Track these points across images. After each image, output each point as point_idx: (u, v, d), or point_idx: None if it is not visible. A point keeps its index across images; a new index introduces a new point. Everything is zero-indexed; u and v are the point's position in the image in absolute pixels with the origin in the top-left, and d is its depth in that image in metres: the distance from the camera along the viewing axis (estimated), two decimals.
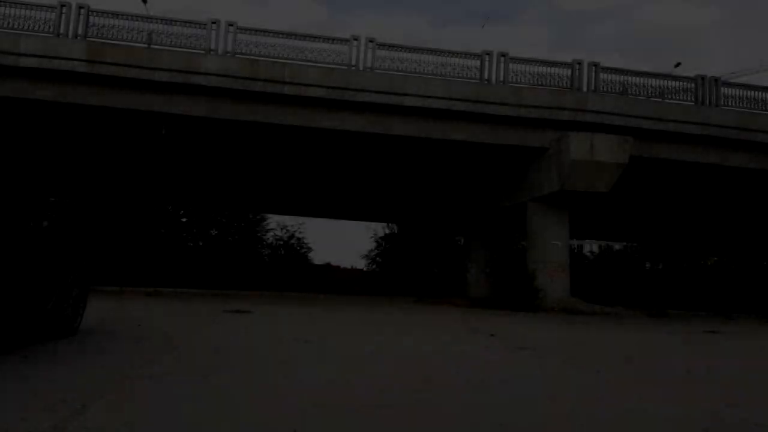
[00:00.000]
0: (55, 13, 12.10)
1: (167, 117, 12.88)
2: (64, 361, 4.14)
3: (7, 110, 12.84)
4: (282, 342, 5.77)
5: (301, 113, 13.00)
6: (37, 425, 2.61)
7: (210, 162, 17.80)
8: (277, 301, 12.73)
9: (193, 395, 3.34)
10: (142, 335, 5.74)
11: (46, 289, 4.86)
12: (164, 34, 12.59)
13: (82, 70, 11.91)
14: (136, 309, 8.72)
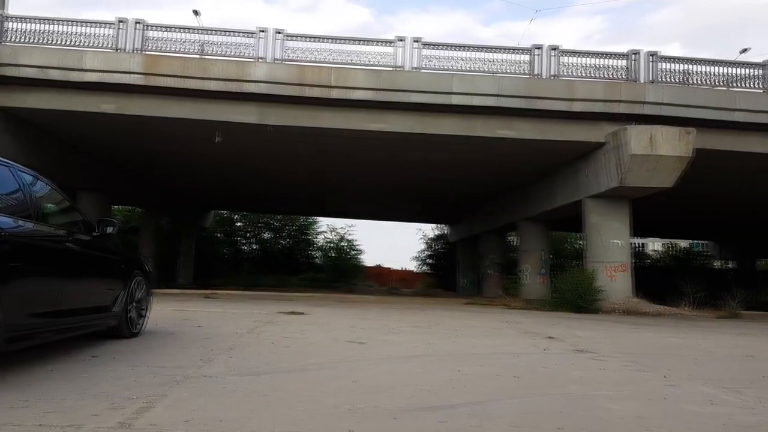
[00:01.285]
0: (114, 29, 12.60)
1: (220, 124, 13.19)
2: (129, 361, 4.25)
3: (77, 123, 13.44)
4: (337, 343, 5.77)
5: (348, 116, 13.06)
6: (106, 422, 2.68)
7: (261, 167, 18.14)
8: (329, 303, 12.81)
9: (249, 394, 3.37)
10: (201, 336, 5.85)
11: (112, 291, 5.03)
12: (216, 44, 12.91)
13: (140, 82, 12.35)
14: (195, 311, 8.93)
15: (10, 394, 3.09)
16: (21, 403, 2.93)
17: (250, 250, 35.45)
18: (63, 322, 4.13)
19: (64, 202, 4.75)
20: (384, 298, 17.17)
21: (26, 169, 4.25)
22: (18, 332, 3.50)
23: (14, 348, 3.57)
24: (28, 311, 3.62)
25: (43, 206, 4.22)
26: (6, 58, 12.06)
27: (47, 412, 2.79)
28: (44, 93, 12.43)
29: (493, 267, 24.09)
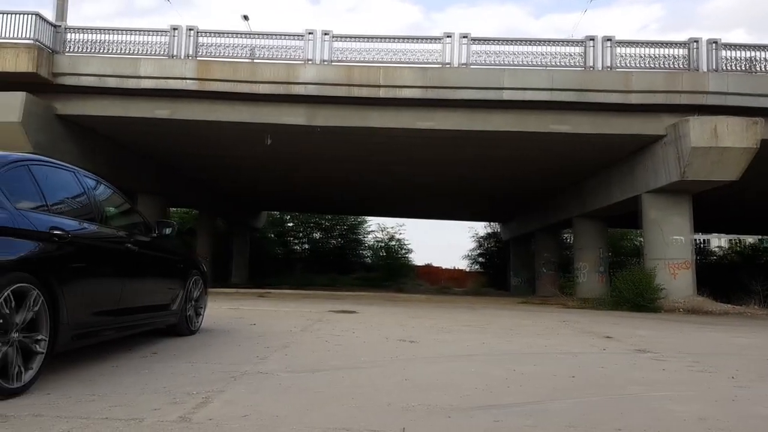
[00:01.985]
0: (168, 36, 13.03)
1: (269, 127, 13.43)
2: (188, 358, 4.37)
3: (133, 128, 13.98)
4: (388, 341, 5.77)
5: (397, 115, 13.05)
6: (166, 416, 2.75)
7: (310, 167, 18.37)
8: (380, 302, 12.84)
9: (303, 390, 3.40)
10: (256, 334, 5.96)
11: (171, 290, 5.19)
12: (265, 47, 13.15)
13: (193, 87, 12.71)
14: (250, 310, 9.13)
15: (78, 389, 3.22)
16: (88, 397, 3.05)
17: (302, 250, 36.02)
18: (125, 320, 4.29)
19: (125, 205, 4.93)
20: (434, 297, 17.08)
21: (89, 174, 4.43)
22: (83, 330, 3.65)
23: (80, 345, 3.73)
24: (92, 310, 3.77)
25: (105, 209, 4.39)
26: (66, 67, 12.64)
27: (112, 405, 2.90)
28: (102, 100, 12.97)
29: (547, 265, 23.58)
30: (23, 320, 3.04)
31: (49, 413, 2.72)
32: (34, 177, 3.59)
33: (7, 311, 2.92)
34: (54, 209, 3.63)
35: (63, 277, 3.36)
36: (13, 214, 3.14)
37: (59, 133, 13.03)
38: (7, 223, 3.06)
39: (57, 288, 3.28)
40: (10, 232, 3.06)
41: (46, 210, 3.52)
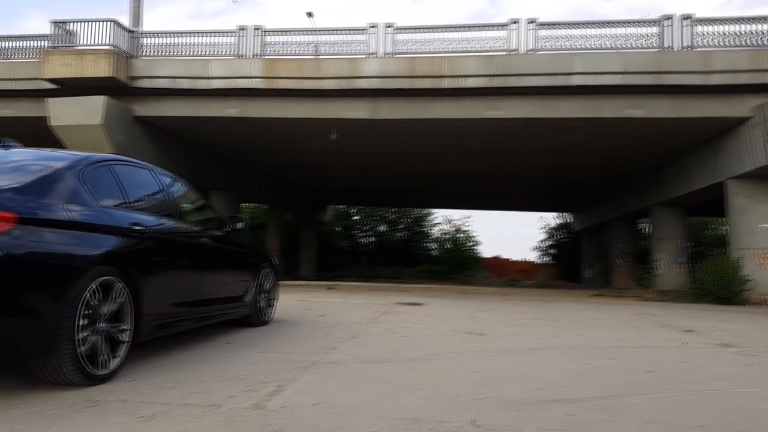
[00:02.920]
0: (236, 37, 13.43)
1: (334, 122, 13.60)
2: (261, 348, 4.50)
3: (205, 127, 14.55)
4: (456, 334, 5.72)
5: (461, 105, 12.88)
6: (242, 403, 2.85)
7: (375, 161, 18.48)
8: (447, 294, 12.77)
9: (373, 380, 3.42)
10: (325, 325, 6.06)
11: (243, 282, 5.36)
12: (329, 43, 13.32)
13: (261, 86, 13.05)
14: (319, 301, 9.31)
15: (159, 376, 3.39)
16: (169, 384, 3.21)
17: (367, 243, 36.38)
18: (201, 311, 4.47)
19: (199, 201, 5.13)
20: (503, 290, 16.80)
21: (165, 172, 4.64)
22: (163, 320, 3.83)
23: (160, 334, 3.92)
24: (171, 301, 3.95)
25: (180, 205, 4.58)
26: (141, 71, 13.28)
27: (191, 392, 3.03)
28: (175, 101, 13.54)
29: (622, 256, 22.67)
30: (109, 311, 3.23)
31: (134, 399, 2.87)
32: (116, 176, 3.79)
33: (95, 302, 3.10)
34: (134, 206, 3.82)
35: (144, 271, 3.54)
36: (97, 211, 3.33)
37: (137, 134, 13.72)
38: (92, 219, 3.25)
39: (139, 280, 3.46)
40: (96, 228, 3.25)
41: (127, 207, 3.71)
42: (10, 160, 3.45)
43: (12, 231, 2.71)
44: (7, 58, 13.63)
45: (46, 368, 2.93)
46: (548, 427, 2.59)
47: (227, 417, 2.59)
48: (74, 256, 3.02)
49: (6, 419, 2.48)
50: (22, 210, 2.83)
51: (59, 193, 3.15)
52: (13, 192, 2.91)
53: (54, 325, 2.84)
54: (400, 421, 2.60)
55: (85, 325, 3.03)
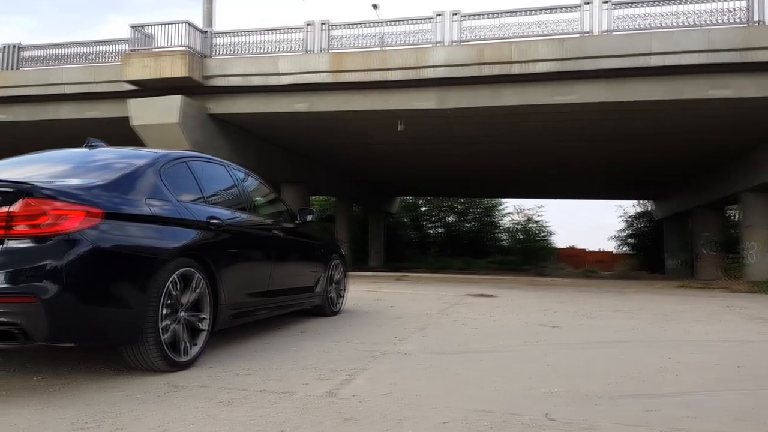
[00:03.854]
0: (303, 33, 13.65)
1: (401, 113, 13.58)
2: (332, 337, 4.59)
3: (275, 123, 14.92)
4: (528, 326, 5.60)
5: (531, 91, 12.51)
6: (315, 390, 2.91)
7: (442, 151, 18.33)
8: (519, 286, 12.51)
9: (443, 372, 3.40)
10: (394, 316, 6.10)
11: (314, 273, 5.47)
12: (394, 34, 13.27)
13: (328, 80, 13.21)
14: (388, 292, 9.37)
15: (236, 363, 3.52)
16: (245, 371, 3.33)
17: (436, 234, 36.22)
18: (274, 300, 4.60)
19: (271, 195, 5.27)
20: (578, 281, 16.28)
21: (238, 167, 4.80)
22: (239, 309, 3.98)
23: (236, 323, 4.07)
24: (246, 291, 4.09)
25: (253, 199, 4.73)
26: (215, 70, 13.75)
27: (266, 379, 3.13)
28: (247, 98, 13.94)
29: (708, 245, 21.37)
30: (189, 301, 3.38)
31: (213, 385, 3.00)
32: (193, 172, 3.95)
33: (176, 293, 3.26)
34: (210, 200, 3.97)
35: (220, 262, 3.68)
36: (176, 206, 3.49)
37: (212, 131, 14.26)
38: (172, 214, 3.41)
39: (216, 271, 3.60)
40: (175, 222, 3.41)
41: (203, 201, 3.86)
42: (96, 159, 3.67)
43: (100, 226, 2.88)
44: (91, 62, 14.49)
45: (132, 354, 3.11)
46: (627, 422, 2.49)
47: (301, 404, 2.66)
48: (156, 248, 3.19)
49: (98, 402, 2.65)
50: (109, 206, 3.00)
51: (141, 190, 3.33)
52: (100, 189, 3.09)
53: (139, 313, 3.01)
54: (471, 413, 2.57)
55: (168, 314, 3.19)
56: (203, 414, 2.48)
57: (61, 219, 2.74)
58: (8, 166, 3.63)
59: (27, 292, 2.61)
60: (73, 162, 3.65)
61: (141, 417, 2.43)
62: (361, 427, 2.35)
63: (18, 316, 2.60)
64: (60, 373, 3.21)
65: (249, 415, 2.48)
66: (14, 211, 2.67)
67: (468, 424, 2.42)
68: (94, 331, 2.91)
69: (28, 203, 2.69)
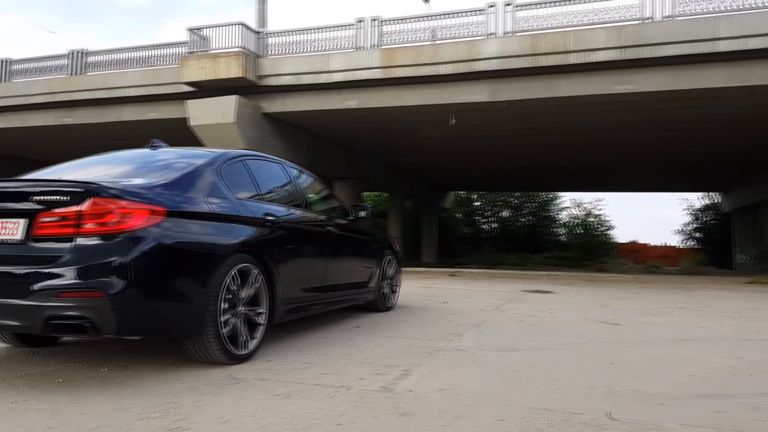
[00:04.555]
0: (354, 30, 13.72)
1: (452, 107, 13.44)
2: (386, 333, 4.59)
3: (327, 120, 15.08)
4: (588, 323, 5.44)
5: (588, 81, 12.13)
6: (370, 385, 2.92)
7: (495, 144, 18.06)
8: (577, 282, 12.19)
9: (499, 369, 3.34)
10: (448, 312, 6.05)
11: (368, 269, 5.50)
12: (446, 27, 13.15)
13: (379, 76, 13.22)
14: (441, 288, 9.32)
15: (293, 357, 3.58)
16: (302, 364, 3.38)
17: (490, 229, 35.76)
18: (329, 296, 4.65)
19: (324, 191, 5.33)
20: (641, 277, 15.71)
21: (292, 164, 4.87)
22: (294, 304, 4.04)
23: (292, 317, 4.13)
24: (301, 286, 4.15)
25: (307, 196, 4.79)
26: (268, 69, 14.01)
27: (322, 373, 3.16)
28: (299, 96, 14.14)
29: None
30: (247, 296, 3.46)
31: (271, 378, 3.05)
32: (249, 170, 4.04)
33: (234, 287, 3.34)
34: (266, 197, 4.05)
35: (276, 258, 3.75)
36: (234, 203, 3.58)
37: (266, 129, 14.56)
38: (230, 211, 3.50)
39: (272, 267, 3.67)
40: (233, 219, 3.49)
41: (259, 198, 3.94)
42: (158, 159, 3.81)
43: (162, 223, 2.99)
44: (151, 65, 15.06)
45: (194, 347, 3.21)
46: (694, 423, 2.37)
47: (357, 398, 2.67)
48: (216, 245, 3.27)
49: (162, 393, 2.75)
50: (170, 204, 3.10)
51: (201, 188, 3.43)
52: (162, 188, 3.20)
53: (200, 307, 3.10)
54: (529, 411, 2.52)
55: (227, 309, 3.28)
56: (262, 406, 2.54)
57: (127, 217, 2.86)
58: (76, 168, 3.81)
59: (95, 287, 2.73)
60: (137, 162, 3.80)
61: (203, 408, 2.51)
62: (417, 422, 2.34)
63: (87, 309, 2.72)
64: (126, 364, 3.35)
65: (306, 408, 2.52)
66: (83, 210, 2.80)
67: (526, 422, 2.37)
68: (158, 325, 3.02)
69: (95, 202, 2.81)
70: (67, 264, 2.74)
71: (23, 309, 2.72)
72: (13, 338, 3.78)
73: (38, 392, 2.74)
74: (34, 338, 3.78)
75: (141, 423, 2.30)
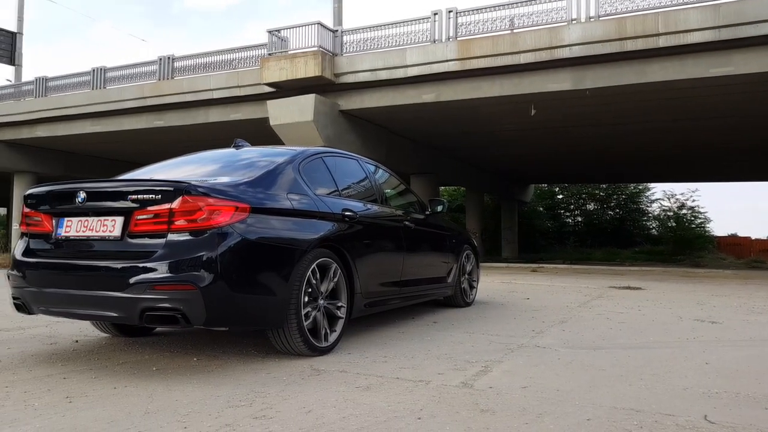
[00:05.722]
0: (429, 23, 13.63)
1: (532, 97, 13.05)
2: (465, 328, 4.54)
3: (402, 115, 15.10)
4: (682, 321, 5.13)
5: (680, 65, 11.37)
6: (450, 380, 2.89)
7: (579, 134, 17.39)
8: (670, 278, 11.52)
9: (585, 367, 3.21)
10: (530, 308, 5.90)
11: (445, 264, 5.46)
12: (525, 15, 12.77)
13: (455, 68, 13.05)
14: (522, 284, 9.10)
15: (372, 351, 3.61)
16: (381, 358, 3.40)
17: (575, 223, 34.51)
18: (406, 290, 4.65)
19: (400, 186, 5.34)
20: (743, 273, 14.62)
21: (369, 160, 4.91)
22: (372, 299, 4.07)
23: (371, 312, 4.17)
24: (379, 281, 4.18)
25: (384, 191, 4.82)
26: (345, 67, 14.19)
27: (401, 367, 3.17)
28: (375, 92, 14.22)
29: None
30: (327, 289, 3.53)
31: (352, 370, 3.10)
32: (328, 167, 4.12)
33: (315, 281, 3.42)
34: (344, 193, 4.12)
35: (354, 253, 3.79)
36: (313, 199, 3.66)
37: (343, 127, 14.77)
38: (310, 207, 3.58)
39: (351, 262, 3.72)
40: (313, 215, 3.57)
41: (337, 194, 4.01)
42: (242, 158, 3.96)
43: (247, 219, 3.10)
44: (234, 68, 15.68)
45: (278, 339, 3.32)
46: None
47: (436, 393, 2.65)
48: (297, 240, 3.36)
49: (248, 382, 2.86)
50: (254, 201, 3.22)
51: (282, 185, 3.53)
52: (246, 186, 3.32)
53: (283, 300, 3.19)
54: (617, 411, 2.40)
55: (308, 302, 3.36)
56: (344, 398, 2.58)
57: (214, 214, 2.99)
58: (167, 168, 4.03)
59: (186, 280, 2.88)
60: (222, 162, 3.97)
61: (287, 398, 2.58)
62: (499, 419, 2.29)
63: (179, 302, 2.88)
64: (215, 354, 3.51)
65: (386, 401, 2.53)
66: (174, 207, 2.95)
67: (614, 422, 2.26)
68: (243, 317, 3.14)
69: (185, 200, 2.96)
70: (160, 258, 2.90)
71: (122, 301, 2.92)
72: (112, 328, 4.06)
73: (136, 379, 2.93)
74: (131, 328, 4.05)
75: (230, 410, 2.40)
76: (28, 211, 3.44)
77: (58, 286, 3.14)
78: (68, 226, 3.22)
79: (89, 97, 17.55)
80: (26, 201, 3.47)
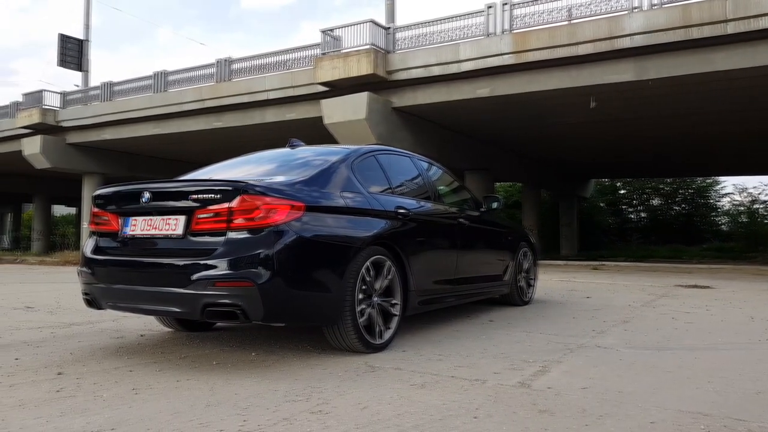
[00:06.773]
0: (483, 16, 13.42)
1: (591, 89, 12.65)
2: (523, 327, 4.46)
3: (456, 111, 14.96)
4: (754, 322, 4.87)
5: (752, 52, 10.72)
6: (507, 380, 2.85)
7: (642, 127, 16.73)
8: (742, 276, 10.92)
9: (649, 368, 3.09)
10: (591, 307, 5.74)
11: (501, 262, 5.37)
12: (583, 5, 12.39)
13: (510, 61, 12.80)
14: (582, 282, 8.85)
15: (427, 349, 3.60)
16: (436, 356, 3.38)
17: (638, 219, 33.28)
18: (461, 288, 4.61)
19: (454, 183, 5.29)
20: None
21: (422, 157, 4.89)
22: (427, 296, 4.05)
23: (425, 309, 4.15)
24: (433, 278, 4.15)
25: (437, 188, 4.78)
26: (397, 64, 14.17)
27: (457, 366, 3.14)
28: (428, 89, 14.13)
29: None
30: (381, 287, 3.54)
31: (406, 368, 3.10)
32: (380, 164, 4.13)
33: (369, 279, 3.44)
34: (397, 191, 4.12)
35: (408, 250, 3.78)
36: (367, 197, 3.67)
37: (395, 124, 14.77)
38: (363, 205, 3.60)
39: (404, 259, 3.71)
40: (366, 212, 3.59)
41: (390, 192, 4.01)
42: (297, 157, 4.03)
43: (302, 217, 3.15)
44: (288, 68, 15.95)
45: (333, 335, 3.36)
46: None
47: (493, 392, 2.62)
48: (351, 237, 3.39)
49: (305, 378, 2.91)
50: (309, 199, 3.26)
51: (336, 183, 3.56)
52: (301, 184, 3.37)
53: (338, 297, 3.23)
54: (683, 414, 2.29)
55: (362, 299, 3.38)
56: (399, 395, 2.58)
57: (271, 212, 3.05)
58: (226, 168, 4.14)
59: (245, 277, 2.95)
60: (278, 161, 4.05)
61: (343, 393, 2.60)
62: (557, 420, 2.24)
63: (238, 298, 2.95)
64: (272, 349, 3.59)
65: (442, 399, 2.51)
66: (233, 206, 3.04)
67: (680, 426, 2.16)
68: (300, 313, 3.20)
69: (244, 199, 3.04)
70: (220, 256, 2.99)
71: (185, 297, 3.02)
72: (175, 323, 4.22)
73: (198, 373, 3.03)
74: (192, 324, 4.19)
75: (287, 405, 2.44)
76: (96, 210, 3.61)
77: (125, 283, 3.28)
78: (134, 224, 3.36)
79: (151, 100, 18.32)
80: (94, 201, 3.65)
